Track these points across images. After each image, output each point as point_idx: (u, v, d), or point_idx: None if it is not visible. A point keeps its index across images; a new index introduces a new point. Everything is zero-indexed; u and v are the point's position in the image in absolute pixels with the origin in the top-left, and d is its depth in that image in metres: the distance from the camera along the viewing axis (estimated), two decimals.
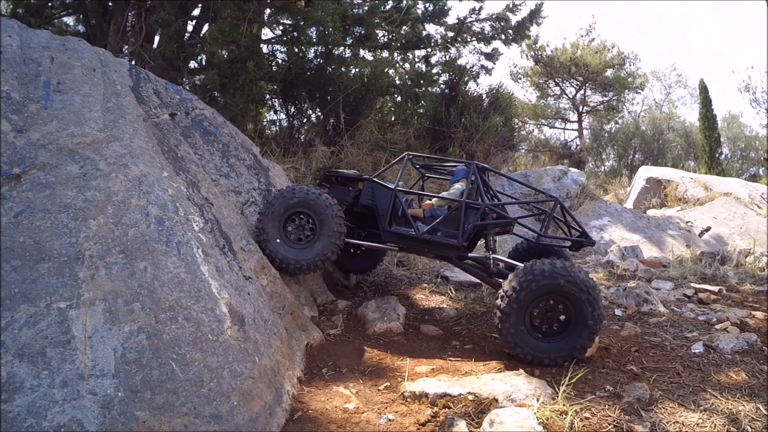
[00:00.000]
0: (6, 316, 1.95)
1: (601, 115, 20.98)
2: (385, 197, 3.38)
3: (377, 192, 3.43)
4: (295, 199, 3.18)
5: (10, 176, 2.25)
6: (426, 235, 3.25)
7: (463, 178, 3.49)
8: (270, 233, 3.15)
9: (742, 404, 2.28)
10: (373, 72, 7.10)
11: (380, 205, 3.38)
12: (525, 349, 2.70)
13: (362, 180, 3.51)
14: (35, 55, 2.64)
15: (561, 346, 2.70)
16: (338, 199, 3.46)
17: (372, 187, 3.46)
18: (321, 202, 3.18)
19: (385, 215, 3.34)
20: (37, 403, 1.83)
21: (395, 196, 3.33)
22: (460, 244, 3.20)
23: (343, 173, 3.64)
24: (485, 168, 3.49)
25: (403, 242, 3.35)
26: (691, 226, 8.05)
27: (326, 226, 3.18)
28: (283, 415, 2.27)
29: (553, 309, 2.74)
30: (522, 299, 2.68)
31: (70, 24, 8.91)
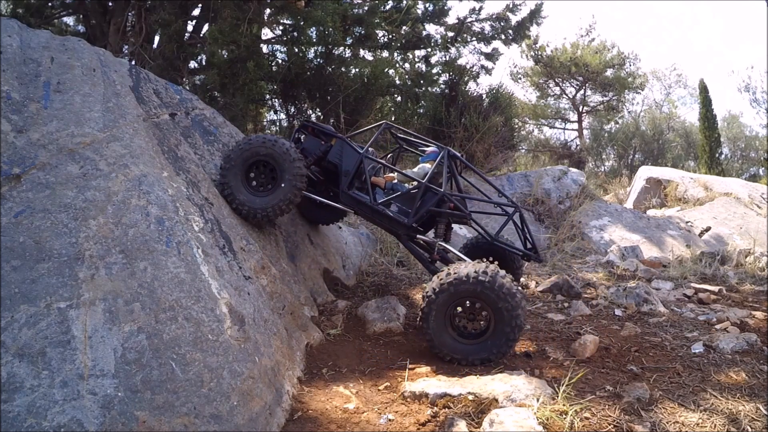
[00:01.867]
0: (6, 316, 1.95)
1: (601, 115, 20.99)
2: (351, 159, 3.36)
3: (345, 152, 3.40)
4: (252, 149, 3.16)
5: (10, 176, 2.25)
6: (379, 206, 3.26)
7: (432, 160, 3.45)
8: (233, 186, 3.14)
9: (742, 404, 2.28)
10: (373, 72, 7.11)
11: (344, 166, 3.36)
12: (444, 349, 2.77)
13: (336, 137, 3.47)
14: (35, 55, 2.64)
15: (479, 349, 2.74)
16: (310, 149, 3.49)
17: (342, 146, 3.43)
18: (277, 149, 3.17)
19: (347, 177, 3.33)
20: (37, 403, 1.83)
21: (361, 160, 3.31)
22: (409, 224, 3.21)
23: (319, 125, 3.60)
24: (456, 156, 3.46)
25: (357, 207, 3.35)
26: (691, 226, 8.05)
27: (286, 171, 3.17)
28: (283, 415, 2.27)
29: (474, 312, 2.77)
30: (442, 301, 2.74)
31: (70, 24, 8.91)
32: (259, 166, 3.22)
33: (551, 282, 4.22)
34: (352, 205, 3.36)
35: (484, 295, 2.68)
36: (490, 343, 2.72)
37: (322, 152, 3.47)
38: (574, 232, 7.26)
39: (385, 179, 3.46)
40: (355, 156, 3.35)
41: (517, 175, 8.84)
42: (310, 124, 3.62)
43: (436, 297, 2.74)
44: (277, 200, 3.17)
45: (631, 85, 20.10)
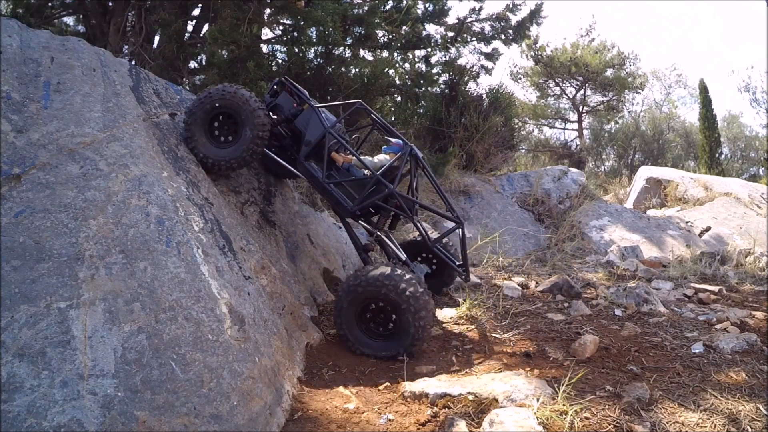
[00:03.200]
0: (6, 316, 1.95)
1: (601, 115, 20.99)
2: (315, 130, 3.32)
3: (312, 122, 3.35)
4: (212, 100, 3.13)
5: (10, 176, 2.25)
6: (329, 185, 3.26)
7: (394, 153, 3.43)
8: (197, 139, 3.11)
9: (742, 404, 2.28)
10: (373, 72, 7.10)
11: (308, 135, 3.33)
12: (356, 344, 2.93)
13: (308, 103, 3.42)
14: (35, 55, 2.64)
15: (388, 346, 2.90)
16: (282, 107, 3.45)
17: (310, 115, 3.37)
18: (237, 99, 3.13)
19: (307, 147, 3.30)
20: (37, 403, 1.83)
21: (324, 135, 3.28)
22: (352, 210, 3.22)
23: (296, 87, 3.53)
24: (418, 158, 3.43)
25: (309, 179, 3.35)
26: (691, 226, 8.05)
27: (247, 121, 3.13)
28: (283, 415, 2.27)
29: (382, 312, 2.91)
30: (351, 301, 2.89)
31: (70, 24, 8.91)
32: (222, 117, 3.18)
33: (551, 282, 4.22)
34: (305, 175, 3.34)
35: (388, 297, 2.80)
36: (397, 342, 2.86)
37: (292, 114, 3.42)
38: (574, 232, 7.27)
39: (343, 159, 3.42)
40: (320, 128, 3.30)
41: (517, 175, 8.84)
42: (288, 82, 3.55)
43: (345, 296, 2.90)
44: (239, 151, 3.13)
45: (631, 85, 20.10)
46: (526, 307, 3.78)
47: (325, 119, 3.37)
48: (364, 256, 3.34)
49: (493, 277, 4.65)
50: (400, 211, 3.27)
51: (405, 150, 3.33)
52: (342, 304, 2.92)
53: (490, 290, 4.11)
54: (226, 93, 3.14)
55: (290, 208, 4.04)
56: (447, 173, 7.59)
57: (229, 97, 3.13)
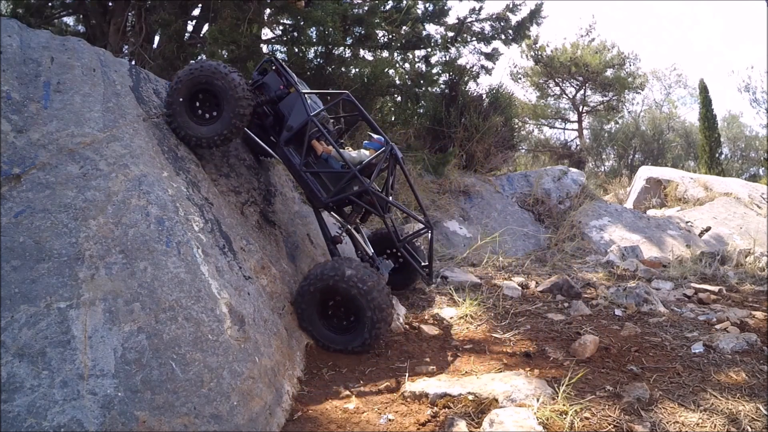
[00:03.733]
0: (6, 316, 1.95)
1: (601, 115, 21.00)
2: (298, 116, 3.24)
3: (296, 107, 3.27)
4: (193, 77, 3.04)
5: (10, 176, 2.25)
6: (306, 173, 3.21)
7: (374, 149, 3.40)
8: (179, 118, 3.03)
9: (742, 404, 2.28)
10: (373, 72, 7.10)
11: (290, 121, 3.24)
12: (319, 338, 2.96)
13: (295, 87, 3.33)
14: (35, 55, 2.64)
15: (353, 338, 2.91)
16: (270, 86, 3.36)
17: (296, 100, 3.29)
18: (218, 74, 3.01)
19: (288, 132, 3.22)
20: (37, 403, 1.83)
21: (307, 122, 3.21)
22: (325, 202, 3.20)
23: (285, 69, 3.41)
24: (398, 158, 3.37)
25: (286, 164, 3.30)
26: (691, 226, 8.05)
27: (228, 98, 3.01)
28: (283, 415, 2.27)
29: (340, 306, 2.93)
30: (308, 299, 2.91)
31: (70, 24, 8.92)
32: (204, 94, 3.10)
33: (551, 282, 4.22)
34: (283, 160, 3.30)
35: (338, 288, 2.82)
36: (360, 331, 2.87)
37: (277, 96, 3.33)
38: (574, 232, 7.26)
39: (323, 149, 3.36)
40: (303, 115, 3.23)
41: (517, 175, 8.84)
42: (278, 63, 3.44)
43: (301, 297, 2.93)
44: (220, 128, 3.04)
45: (631, 85, 20.11)
46: (526, 307, 3.78)
47: (310, 106, 3.31)
48: (332, 248, 3.31)
49: (493, 277, 4.65)
50: (372, 207, 3.25)
51: (386, 148, 3.30)
52: (301, 306, 2.94)
53: (490, 290, 4.11)
54: (206, 68, 3.02)
55: (290, 208, 4.04)
56: (447, 173, 7.59)
57: (210, 73, 3.01)
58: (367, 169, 3.25)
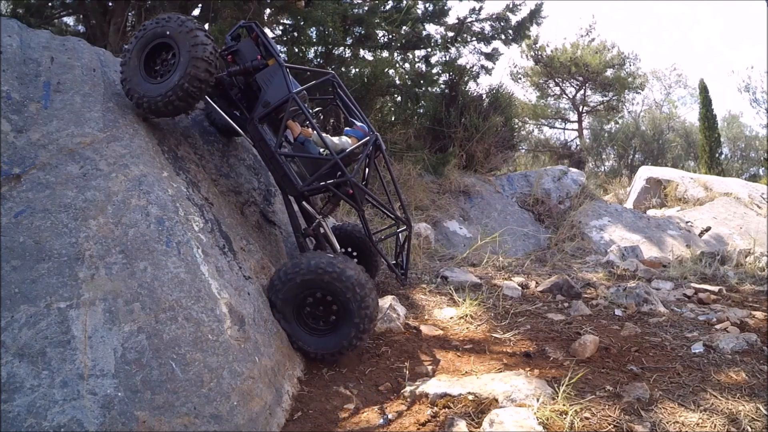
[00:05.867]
0: (6, 316, 1.95)
1: (601, 115, 20.99)
2: (278, 92, 2.92)
3: (276, 81, 2.94)
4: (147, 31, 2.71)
5: (10, 176, 2.25)
6: (281, 156, 2.92)
7: (357, 138, 3.17)
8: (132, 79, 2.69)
9: (742, 404, 2.28)
10: (373, 72, 7.11)
11: (268, 95, 2.93)
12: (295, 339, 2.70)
13: (276, 59, 2.98)
14: (35, 55, 2.64)
15: (329, 341, 2.68)
16: (244, 54, 3.02)
17: (276, 73, 2.96)
18: (172, 24, 2.66)
19: (264, 108, 2.92)
20: (37, 403, 1.83)
21: (288, 99, 2.89)
22: (301, 190, 2.92)
23: (266, 38, 3.06)
24: (381, 149, 3.15)
25: (258, 144, 2.98)
26: (691, 226, 8.05)
27: (183, 50, 2.62)
28: (283, 415, 2.27)
29: (323, 304, 2.68)
30: (288, 290, 2.64)
31: (70, 24, 8.91)
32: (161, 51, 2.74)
33: (551, 282, 4.22)
34: (255, 139, 2.99)
35: (332, 286, 2.58)
36: (340, 336, 2.65)
37: (254, 67, 2.98)
38: (574, 232, 7.26)
39: (301, 131, 3.10)
40: (284, 91, 2.90)
41: (517, 175, 8.84)
42: (258, 29, 3.06)
43: (282, 286, 2.65)
44: (164, 89, 2.61)
45: (631, 85, 20.11)
46: (526, 307, 3.78)
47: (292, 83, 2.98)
48: (301, 240, 3.08)
49: (493, 277, 4.65)
50: (350, 200, 2.99)
51: (370, 138, 3.05)
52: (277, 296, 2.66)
53: (490, 290, 4.10)
54: (161, 20, 2.70)
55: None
56: (447, 173, 7.59)
57: (164, 24, 2.68)
58: (348, 159, 3.00)
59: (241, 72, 3.02)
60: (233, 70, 3.00)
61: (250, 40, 3.06)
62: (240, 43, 3.07)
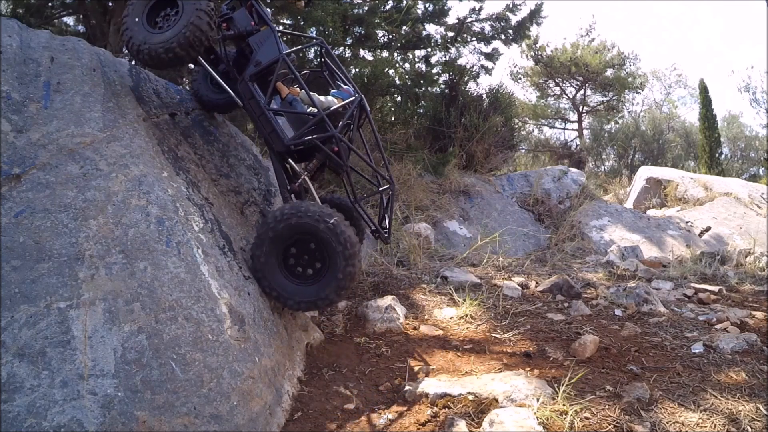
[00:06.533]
0: (6, 316, 1.95)
1: (601, 115, 21.00)
2: (269, 52, 3.04)
3: (268, 43, 3.07)
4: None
5: (10, 176, 2.25)
6: (269, 111, 2.98)
7: (341, 98, 3.24)
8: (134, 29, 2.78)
9: (742, 404, 2.28)
10: (373, 72, 7.11)
11: (259, 55, 3.04)
12: (272, 285, 2.66)
13: (268, 25, 3.13)
14: (35, 55, 2.63)
15: (308, 292, 2.65)
16: (238, 21, 3.16)
17: (268, 36, 3.09)
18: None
19: (256, 67, 3.02)
20: (37, 403, 1.83)
21: (278, 60, 2.99)
22: (288, 144, 2.95)
23: (260, 6, 3.19)
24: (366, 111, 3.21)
25: (248, 102, 3.04)
26: (691, 226, 8.05)
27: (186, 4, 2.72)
28: (283, 415, 2.27)
29: (309, 253, 2.66)
30: (279, 232, 2.60)
31: (70, 24, 8.91)
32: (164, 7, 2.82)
33: (551, 282, 4.22)
34: (245, 97, 3.04)
35: (324, 235, 2.56)
36: (319, 287, 2.63)
37: (247, 32, 3.11)
38: (574, 232, 7.26)
39: (289, 90, 3.18)
40: (275, 52, 3.02)
41: (517, 175, 8.84)
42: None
43: (275, 225, 2.60)
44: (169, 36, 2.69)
45: (631, 85, 20.11)
46: (526, 307, 3.78)
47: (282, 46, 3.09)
48: (286, 195, 3.07)
49: (493, 277, 4.65)
50: (336, 156, 3.00)
51: (355, 98, 3.13)
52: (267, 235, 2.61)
53: (490, 290, 4.11)
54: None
55: None
56: (447, 173, 7.59)
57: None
58: (333, 117, 3.05)
59: (236, 36, 3.15)
60: (228, 35, 3.12)
61: (244, 9, 3.20)
62: (235, 13, 3.21)
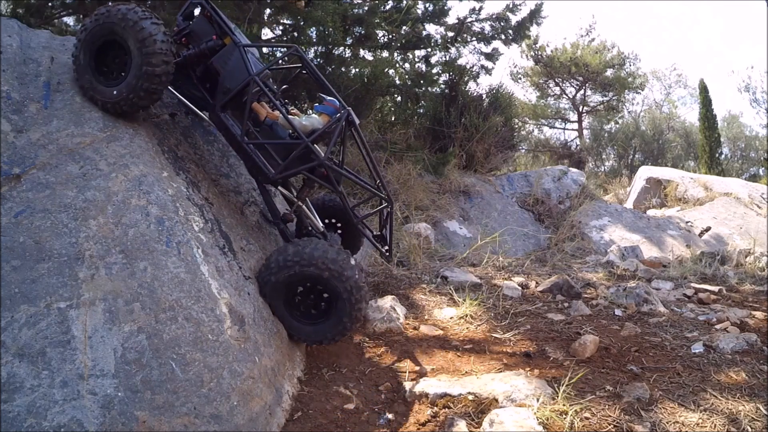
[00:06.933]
0: (6, 316, 1.95)
1: (601, 115, 20.99)
2: (238, 76, 2.72)
3: (234, 63, 2.73)
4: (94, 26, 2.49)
5: (10, 176, 2.26)
6: (249, 145, 2.74)
7: (326, 114, 2.93)
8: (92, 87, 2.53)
9: (742, 404, 2.28)
10: (373, 72, 7.10)
11: (227, 81, 2.73)
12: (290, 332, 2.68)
13: (232, 38, 2.76)
14: (35, 55, 2.63)
15: (313, 331, 2.68)
16: (197, 34, 2.81)
17: (233, 54, 2.74)
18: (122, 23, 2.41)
19: (225, 95, 2.73)
20: (37, 403, 1.83)
21: (249, 83, 2.68)
22: (274, 178, 2.79)
23: (219, 14, 2.83)
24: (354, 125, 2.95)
25: (224, 134, 2.83)
26: (691, 226, 8.05)
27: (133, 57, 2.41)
28: (283, 415, 2.27)
29: (314, 294, 2.67)
30: (282, 278, 2.58)
31: (70, 24, 8.90)
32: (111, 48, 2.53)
33: (551, 282, 4.22)
34: (219, 128, 2.80)
35: (330, 282, 2.54)
36: (325, 329, 2.65)
37: (209, 48, 2.75)
38: (574, 232, 7.26)
39: (267, 114, 2.92)
40: (244, 75, 2.69)
41: (517, 175, 8.84)
42: (208, 6, 2.83)
43: (278, 271, 2.57)
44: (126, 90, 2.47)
45: (631, 85, 20.11)
46: (526, 307, 3.78)
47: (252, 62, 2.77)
48: (282, 227, 2.96)
49: (493, 277, 4.65)
50: (326, 182, 2.85)
51: (342, 114, 2.85)
52: (269, 279, 2.59)
53: (490, 290, 4.10)
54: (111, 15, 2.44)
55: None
56: (447, 173, 7.59)
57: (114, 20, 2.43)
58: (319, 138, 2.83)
59: (197, 55, 2.79)
60: (189, 54, 2.78)
61: (203, 17, 2.87)
62: (194, 23, 2.88)
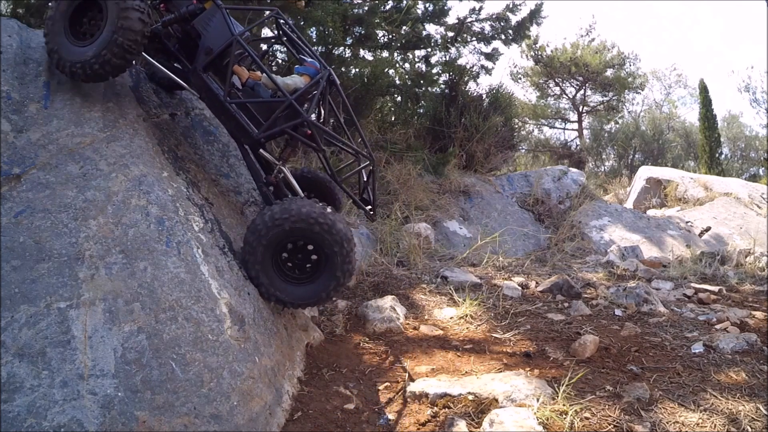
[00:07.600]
0: (6, 316, 1.95)
1: (601, 115, 20.99)
2: (220, 36, 2.70)
3: (216, 25, 2.73)
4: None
5: (10, 176, 2.26)
6: (232, 105, 2.72)
7: (309, 75, 2.94)
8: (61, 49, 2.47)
9: (742, 404, 2.28)
10: (373, 72, 7.10)
11: (209, 42, 2.70)
12: (269, 290, 2.60)
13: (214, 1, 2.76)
14: (35, 55, 2.63)
15: (307, 291, 2.62)
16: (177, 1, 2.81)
17: (215, 15, 2.74)
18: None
19: (207, 56, 2.71)
20: (37, 403, 1.83)
21: (231, 43, 2.67)
22: (258, 138, 2.75)
23: None
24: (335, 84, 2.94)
25: (205, 95, 2.78)
26: (691, 226, 8.05)
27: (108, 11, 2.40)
28: (283, 415, 2.27)
29: (303, 253, 2.62)
30: (273, 237, 2.52)
31: None
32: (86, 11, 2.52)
33: (551, 282, 4.22)
34: (201, 91, 2.77)
35: (320, 237, 2.50)
36: (319, 286, 2.60)
37: (189, 12, 2.74)
38: (574, 232, 7.26)
39: (249, 75, 2.89)
40: (226, 35, 2.68)
41: (517, 175, 8.84)
42: None
43: (267, 232, 2.53)
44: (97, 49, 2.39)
45: (631, 85, 20.11)
46: (526, 307, 3.78)
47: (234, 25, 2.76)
48: (264, 190, 2.92)
49: (493, 277, 4.65)
50: (310, 141, 2.81)
51: (322, 74, 2.84)
52: (260, 242, 2.53)
53: (490, 290, 4.10)
54: None
55: None
56: (447, 173, 7.59)
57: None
58: (302, 98, 2.80)
59: (177, 20, 2.78)
60: (168, 19, 2.76)
61: None
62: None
